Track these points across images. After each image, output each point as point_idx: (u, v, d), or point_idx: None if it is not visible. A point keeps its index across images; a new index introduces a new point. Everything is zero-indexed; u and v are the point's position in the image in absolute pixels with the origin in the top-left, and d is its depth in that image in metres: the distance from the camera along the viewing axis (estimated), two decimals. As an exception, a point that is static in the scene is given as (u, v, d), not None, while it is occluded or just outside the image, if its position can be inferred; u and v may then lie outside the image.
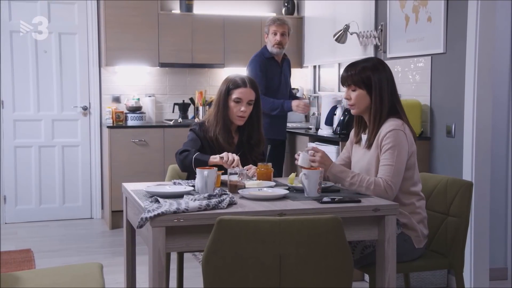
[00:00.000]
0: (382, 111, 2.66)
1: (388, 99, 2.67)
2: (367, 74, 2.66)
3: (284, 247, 1.95)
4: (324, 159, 2.63)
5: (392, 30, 4.54)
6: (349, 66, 2.74)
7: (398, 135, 2.60)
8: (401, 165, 2.59)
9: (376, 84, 2.65)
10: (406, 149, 2.62)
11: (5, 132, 5.67)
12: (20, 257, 4.46)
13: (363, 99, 2.68)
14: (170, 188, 2.56)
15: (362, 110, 2.72)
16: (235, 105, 3.02)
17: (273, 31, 4.63)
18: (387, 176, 2.56)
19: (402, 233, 2.63)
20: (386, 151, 2.60)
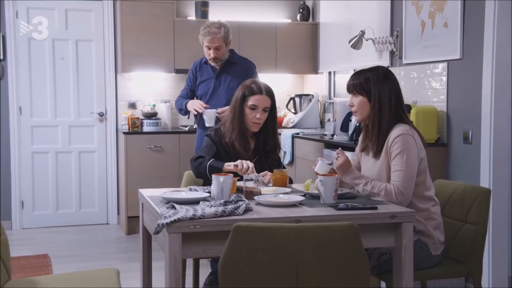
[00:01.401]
0: (381, 120, 2.68)
1: (390, 109, 2.67)
2: (369, 84, 2.70)
3: (301, 254, 1.95)
4: (344, 165, 2.65)
5: (408, 36, 4.52)
6: (354, 75, 2.79)
7: (406, 140, 2.60)
8: (412, 169, 2.59)
9: (376, 93, 2.68)
10: (415, 153, 2.61)
11: (23, 138, 5.72)
12: (37, 262, 4.49)
13: (364, 107, 2.72)
14: (186, 194, 2.57)
15: (364, 117, 2.75)
16: (250, 111, 3.02)
17: (205, 45, 4.05)
18: (397, 182, 2.56)
19: (418, 240, 2.62)
20: (395, 157, 2.60)
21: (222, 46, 4.01)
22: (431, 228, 2.65)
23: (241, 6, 6.21)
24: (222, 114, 3.84)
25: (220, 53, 4.03)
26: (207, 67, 4.13)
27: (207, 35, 3.97)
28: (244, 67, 4.13)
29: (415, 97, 4.40)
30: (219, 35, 3.97)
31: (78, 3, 5.81)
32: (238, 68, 4.11)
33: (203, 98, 4.07)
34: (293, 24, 6.18)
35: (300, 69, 6.21)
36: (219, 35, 3.98)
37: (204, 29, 4.02)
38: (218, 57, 4.03)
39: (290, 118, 5.93)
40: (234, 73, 4.08)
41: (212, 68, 4.11)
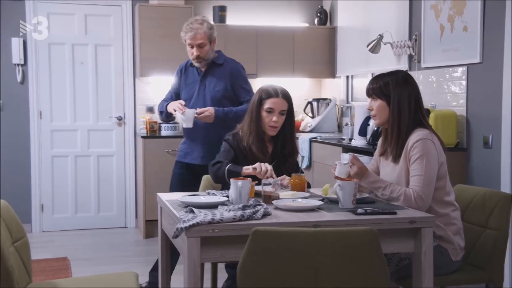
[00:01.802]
0: (400, 125, 2.66)
1: (409, 114, 2.65)
2: (388, 88, 2.68)
3: (319, 259, 1.94)
4: (359, 172, 2.64)
5: (426, 40, 4.49)
6: (374, 79, 2.78)
7: (426, 144, 2.58)
8: (431, 174, 2.57)
9: (395, 97, 2.66)
10: (435, 158, 2.59)
11: (43, 142, 5.78)
12: (57, 265, 4.53)
13: (383, 110, 2.71)
14: (204, 198, 2.58)
15: (383, 121, 2.73)
16: (267, 115, 3.02)
17: (188, 43, 3.68)
18: (417, 187, 2.54)
19: (438, 246, 2.60)
20: (414, 161, 2.59)
21: (205, 44, 3.63)
22: (451, 234, 2.62)
23: (259, 10, 6.22)
24: (201, 115, 3.56)
25: (204, 51, 3.63)
26: (192, 69, 3.81)
27: (189, 31, 3.62)
28: (231, 68, 3.75)
29: (434, 101, 4.37)
30: (201, 30, 3.61)
31: (97, 8, 5.87)
32: (224, 70, 3.73)
33: (188, 102, 3.74)
34: (311, 28, 6.18)
35: (318, 73, 6.21)
36: (202, 31, 3.61)
37: (186, 26, 3.67)
38: (202, 56, 3.64)
39: (307, 122, 5.92)
40: (220, 75, 3.72)
41: (197, 71, 3.78)
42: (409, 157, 2.62)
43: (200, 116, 3.56)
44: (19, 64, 5.66)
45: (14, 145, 5.69)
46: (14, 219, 2.35)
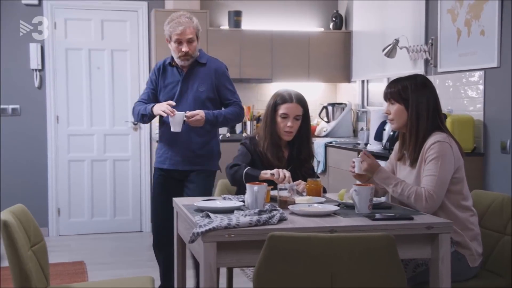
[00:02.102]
0: (419, 129, 2.65)
1: (427, 118, 2.64)
2: (407, 92, 2.66)
3: (336, 265, 1.93)
4: (369, 168, 2.66)
5: (443, 44, 4.47)
6: (391, 82, 2.76)
7: (443, 147, 2.57)
8: (445, 176, 2.55)
9: (414, 102, 2.65)
10: (451, 161, 2.57)
11: (59, 146, 5.83)
12: (73, 269, 4.56)
13: (401, 114, 2.69)
14: (220, 203, 2.58)
15: (401, 125, 2.72)
16: (282, 120, 3.02)
17: (175, 39, 3.41)
18: (429, 187, 2.53)
19: (456, 252, 2.57)
20: (430, 162, 2.57)
21: (194, 39, 3.44)
22: (468, 239, 2.60)
23: (274, 15, 6.23)
24: (191, 118, 3.33)
25: (192, 47, 3.43)
26: (172, 69, 3.53)
27: (179, 25, 3.38)
28: (215, 68, 3.52)
29: (450, 106, 4.34)
30: (191, 25, 3.42)
31: (114, 13, 5.91)
32: (208, 69, 3.50)
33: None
34: (326, 33, 6.17)
35: (333, 77, 6.20)
36: (191, 25, 3.42)
37: (172, 21, 3.41)
38: (190, 52, 3.42)
39: (322, 127, 5.91)
40: (203, 75, 3.49)
41: (178, 70, 3.51)
42: (424, 158, 2.60)
43: (190, 120, 3.33)
44: (36, 70, 5.72)
45: (32, 149, 5.75)
46: (32, 223, 2.37)
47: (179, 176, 3.53)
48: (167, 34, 3.45)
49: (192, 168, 3.50)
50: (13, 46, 5.66)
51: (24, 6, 5.67)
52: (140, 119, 3.57)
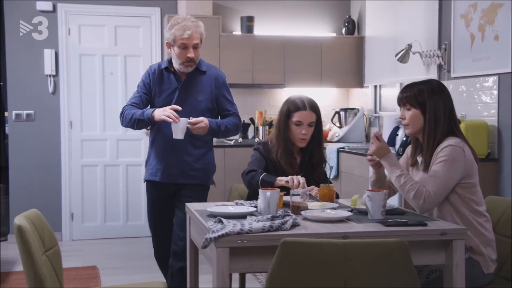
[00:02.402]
0: (436, 134, 2.63)
1: (444, 122, 2.63)
2: (423, 96, 2.65)
3: (349, 271, 1.93)
4: (377, 151, 2.66)
5: (456, 49, 4.45)
6: (406, 87, 2.74)
7: (455, 151, 2.55)
8: (449, 181, 2.53)
9: (431, 106, 2.63)
10: (460, 166, 2.54)
11: (73, 151, 5.87)
12: (86, 274, 4.58)
13: (417, 119, 2.67)
14: (233, 208, 2.58)
15: (416, 130, 2.69)
16: (296, 128, 3.02)
17: (181, 43, 3.16)
18: (430, 187, 2.51)
19: (470, 258, 2.55)
20: (438, 163, 2.55)
21: (199, 45, 3.23)
22: (482, 245, 2.58)
23: (286, 20, 6.24)
24: (195, 125, 3.10)
25: (197, 53, 3.22)
26: (169, 75, 3.27)
27: (186, 29, 3.13)
28: (215, 77, 3.31)
29: (464, 111, 4.31)
30: (198, 29, 3.19)
31: (127, 19, 5.95)
32: (209, 78, 3.29)
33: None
34: (339, 38, 6.17)
35: (345, 83, 6.18)
36: (199, 30, 3.20)
37: (178, 24, 3.17)
38: (195, 58, 3.21)
39: (335, 132, 5.90)
40: (204, 84, 3.27)
41: (175, 77, 3.27)
42: (434, 161, 2.59)
43: (193, 127, 3.10)
44: (51, 75, 5.77)
45: (45, 154, 5.79)
46: (46, 228, 2.39)
47: (172, 190, 3.30)
48: (170, 38, 3.19)
49: (187, 182, 3.29)
50: (28, 52, 5.71)
51: (39, 13, 5.72)
52: (132, 124, 3.20)
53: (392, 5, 5.45)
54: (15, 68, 5.71)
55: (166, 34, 3.24)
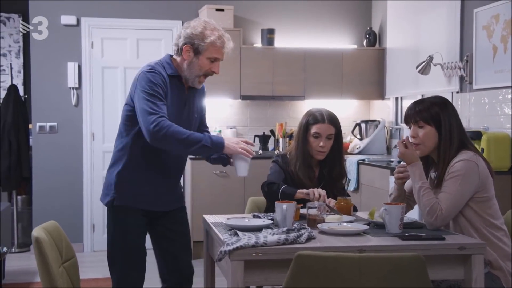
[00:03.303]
0: (451, 149, 2.58)
1: (457, 136, 2.59)
2: (436, 110, 2.60)
3: (364, 285, 1.91)
4: (404, 155, 2.60)
5: (478, 61, 4.40)
6: (416, 103, 2.68)
7: (468, 165, 2.50)
8: (461, 198, 2.49)
9: (446, 121, 2.58)
10: (473, 181, 2.50)
11: (95, 163, 5.93)
12: (105, 285, 4.60)
13: (431, 137, 2.60)
14: (249, 221, 2.58)
15: (429, 149, 2.63)
16: (314, 140, 3.02)
17: (214, 56, 2.70)
18: (442, 205, 2.47)
19: (489, 273, 2.50)
20: (450, 179, 2.51)
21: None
22: (501, 259, 2.53)
23: (307, 32, 6.24)
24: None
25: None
26: (177, 83, 2.74)
27: (228, 41, 2.72)
28: (203, 90, 2.95)
29: (486, 124, 4.26)
30: (231, 45, 2.79)
31: (149, 32, 6.01)
32: (201, 91, 2.92)
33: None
34: (359, 50, 6.15)
35: (366, 94, 6.15)
36: (231, 46, 2.79)
37: (217, 32, 2.70)
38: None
39: (355, 144, 5.86)
40: (199, 97, 2.91)
41: (182, 89, 2.77)
42: (447, 174, 2.55)
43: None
44: (74, 88, 5.85)
45: (68, 166, 5.85)
46: (64, 239, 2.41)
47: (154, 216, 2.80)
48: (201, 43, 2.64)
49: (178, 205, 2.86)
50: (52, 65, 5.81)
51: (63, 27, 5.81)
52: (186, 146, 2.57)
53: (413, 17, 5.42)
54: (39, 81, 5.80)
55: (192, 36, 2.65)
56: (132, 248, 2.77)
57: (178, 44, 2.72)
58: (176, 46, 2.74)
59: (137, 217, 2.73)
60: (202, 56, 2.69)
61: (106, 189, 2.80)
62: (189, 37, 2.67)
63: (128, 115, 2.70)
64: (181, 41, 2.70)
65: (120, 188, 2.72)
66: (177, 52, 2.74)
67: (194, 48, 2.68)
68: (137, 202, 2.72)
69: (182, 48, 2.69)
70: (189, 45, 2.68)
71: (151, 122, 2.50)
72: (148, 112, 2.53)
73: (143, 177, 2.71)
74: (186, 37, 2.68)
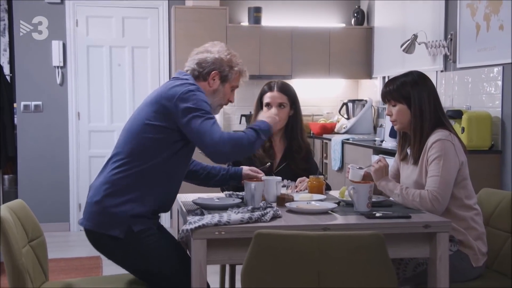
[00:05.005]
0: (423, 125, 2.57)
1: (430, 113, 2.57)
2: (407, 89, 2.59)
3: (323, 263, 1.90)
4: (380, 170, 2.59)
5: (462, 39, 4.37)
6: (389, 82, 2.68)
7: (445, 145, 2.49)
8: (449, 176, 2.47)
9: (416, 99, 2.57)
10: (454, 159, 2.49)
11: (80, 142, 5.91)
12: (89, 264, 4.62)
13: (404, 115, 2.61)
14: (218, 200, 2.57)
15: (405, 125, 2.64)
16: (266, 110, 3.01)
17: (235, 84, 2.62)
18: (433, 188, 2.46)
19: (458, 251, 2.50)
20: (432, 162, 2.50)
21: None
22: (472, 238, 2.53)
23: (294, 11, 6.18)
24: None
25: None
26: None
27: (246, 69, 2.66)
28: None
29: (469, 103, 4.24)
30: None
31: (135, 11, 5.96)
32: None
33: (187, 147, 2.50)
34: (347, 29, 6.10)
35: (354, 74, 6.12)
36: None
37: (240, 60, 2.63)
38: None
39: (342, 123, 5.84)
40: None
41: None
42: (427, 158, 2.54)
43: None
44: (58, 67, 5.81)
45: (53, 146, 5.84)
46: (30, 218, 2.40)
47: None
48: (230, 72, 2.54)
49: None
50: (35, 44, 5.76)
51: (47, 4, 5.76)
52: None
53: (400, -5, 5.37)
54: (23, 59, 5.75)
55: (222, 62, 2.51)
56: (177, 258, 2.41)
57: (201, 68, 2.49)
58: (197, 70, 2.50)
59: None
60: (228, 84, 2.56)
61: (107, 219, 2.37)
62: (219, 63, 2.51)
63: (155, 138, 2.38)
64: (208, 66, 2.49)
65: (135, 217, 2.35)
66: (198, 76, 2.51)
67: (224, 74, 2.52)
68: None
69: (209, 74, 2.50)
70: (217, 71, 2.51)
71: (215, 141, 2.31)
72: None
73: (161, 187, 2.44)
74: (215, 63, 2.49)
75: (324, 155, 5.55)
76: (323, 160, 5.56)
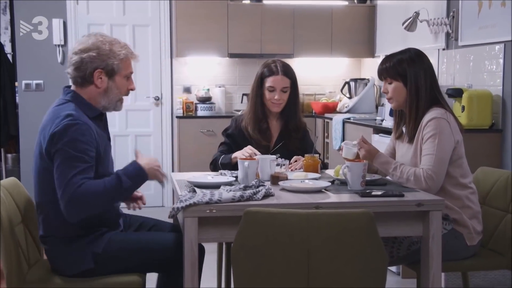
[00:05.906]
0: (419, 103, 2.55)
1: (426, 91, 2.55)
2: (403, 66, 2.56)
3: (313, 241, 1.90)
4: (367, 155, 2.57)
5: (464, 17, 4.30)
6: (385, 59, 2.66)
7: (440, 123, 2.47)
8: (444, 154, 2.45)
9: (412, 76, 2.55)
10: (449, 137, 2.47)
11: (82, 121, 5.91)
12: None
13: (400, 92, 2.59)
14: (212, 178, 2.57)
15: (401, 103, 2.62)
16: (269, 93, 2.97)
17: (127, 72, 2.43)
18: (427, 166, 2.44)
19: (453, 230, 2.50)
20: (427, 140, 2.49)
21: None
22: (467, 217, 2.52)
23: (297, -12, 6.11)
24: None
25: None
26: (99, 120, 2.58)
27: (133, 50, 2.56)
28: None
29: (470, 81, 4.19)
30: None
31: (135, -12, 5.92)
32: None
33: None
34: (350, 7, 6.03)
35: (357, 52, 6.06)
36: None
37: (122, 43, 2.45)
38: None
39: (344, 103, 5.81)
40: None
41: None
42: (422, 136, 2.52)
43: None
44: (59, 45, 5.79)
45: (55, 125, 5.83)
46: (23, 196, 2.41)
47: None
48: (115, 63, 2.34)
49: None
50: (36, 22, 5.73)
51: (46, -16, 5.73)
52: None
53: (403, -28, 5.29)
54: (24, 38, 5.73)
55: (100, 57, 2.30)
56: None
57: (81, 72, 2.27)
58: (78, 76, 2.28)
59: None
60: (119, 76, 2.34)
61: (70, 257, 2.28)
62: (99, 59, 2.27)
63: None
64: (88, 67, 2.26)
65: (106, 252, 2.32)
66: (81, 82, 2.28)
67: (107, 71, 2.30)
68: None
69: (92, 74, 2.27)
70: (100, 69, 2.28)
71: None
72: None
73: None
74: (94, 61, 2.26)
75: (325, 134, 5.53)
76: (325, 139, 5.54)
